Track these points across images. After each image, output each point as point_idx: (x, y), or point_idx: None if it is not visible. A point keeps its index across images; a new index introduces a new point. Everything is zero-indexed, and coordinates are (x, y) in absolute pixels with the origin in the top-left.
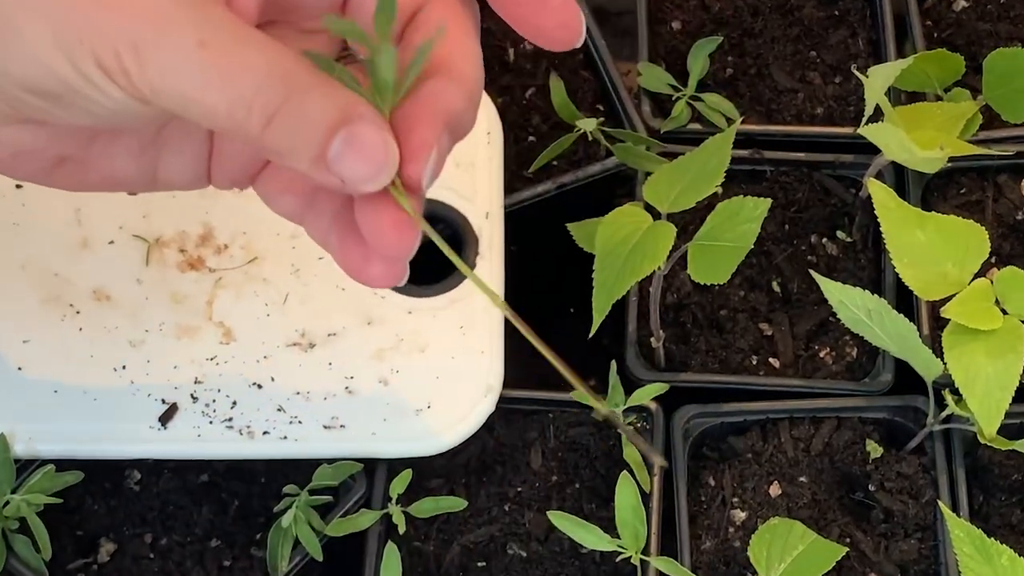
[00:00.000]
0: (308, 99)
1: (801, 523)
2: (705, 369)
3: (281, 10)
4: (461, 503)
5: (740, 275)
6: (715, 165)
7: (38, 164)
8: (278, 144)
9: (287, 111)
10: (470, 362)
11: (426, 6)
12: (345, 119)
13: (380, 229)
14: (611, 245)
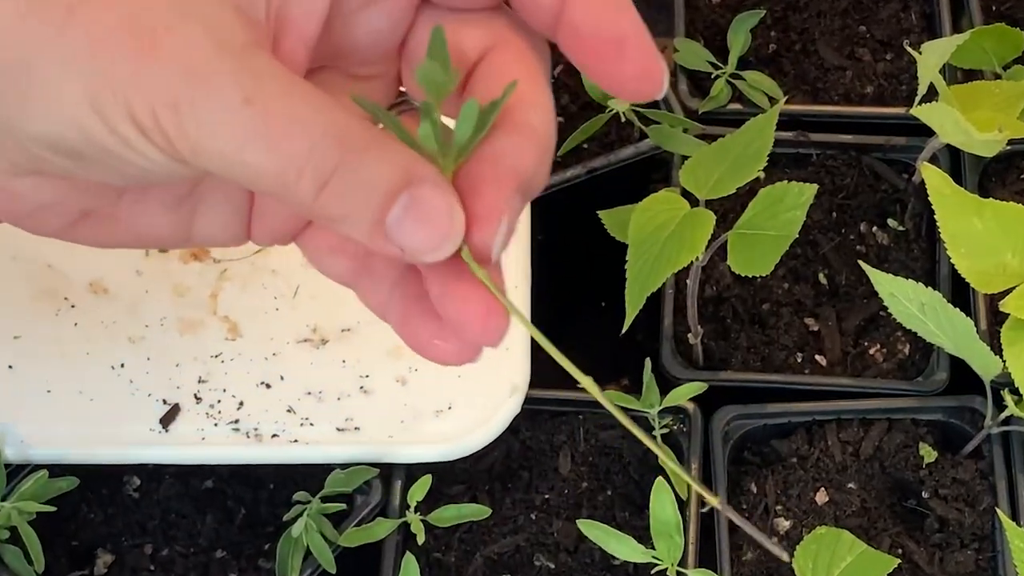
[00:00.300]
0: (365, 160)
1: (849, 532)
2: (746, 367)
3: (332, 55)
4: (484, 511)
5: (784, 266)
6: (757, 148)
7: (62, 219)
8: (332, 210)
9: (342, 174)
10: (494, 360)
11: (493, 51)
12: (406, 182)
13: (464, 315)
14: (645, 234)
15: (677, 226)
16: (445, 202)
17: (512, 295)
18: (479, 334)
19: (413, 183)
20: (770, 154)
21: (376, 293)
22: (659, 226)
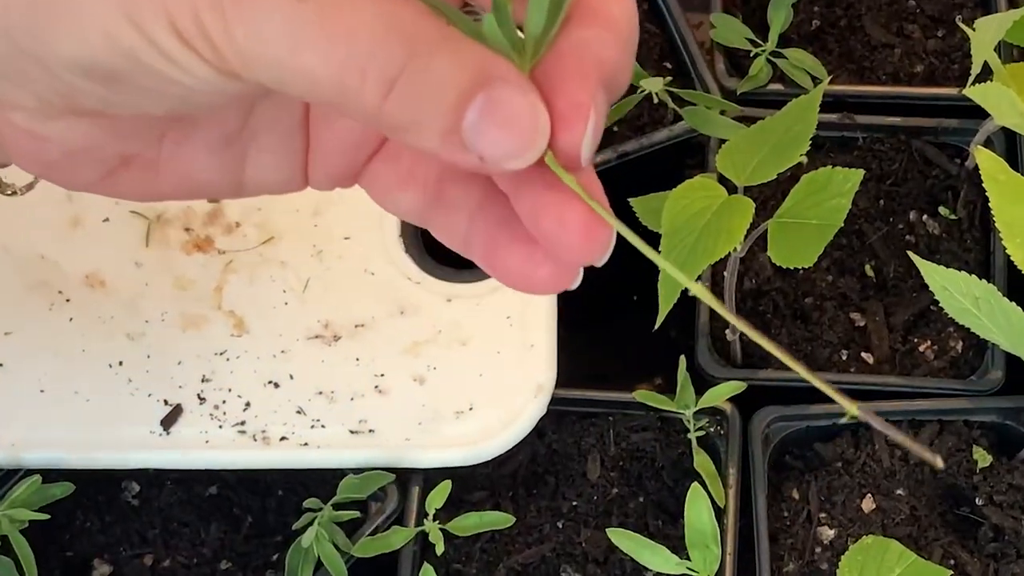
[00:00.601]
0: (435, 59)
1: (898, 542)
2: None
3: None
4: (508, 519)
5: (828, 257)
6: (799, 131)
7: (98, 167)
8: (401, 116)
9: (411, 75)
10: (518, 357)
11: None
12: (482, 81)
13: (562, 229)
14: (680, 223)
15: (714, 215)
16: (527, 101)
17: None
18: (581, 249)
19: (489, 82)
20: (813, 138)
21: (454, 226)
22: (694, 214)
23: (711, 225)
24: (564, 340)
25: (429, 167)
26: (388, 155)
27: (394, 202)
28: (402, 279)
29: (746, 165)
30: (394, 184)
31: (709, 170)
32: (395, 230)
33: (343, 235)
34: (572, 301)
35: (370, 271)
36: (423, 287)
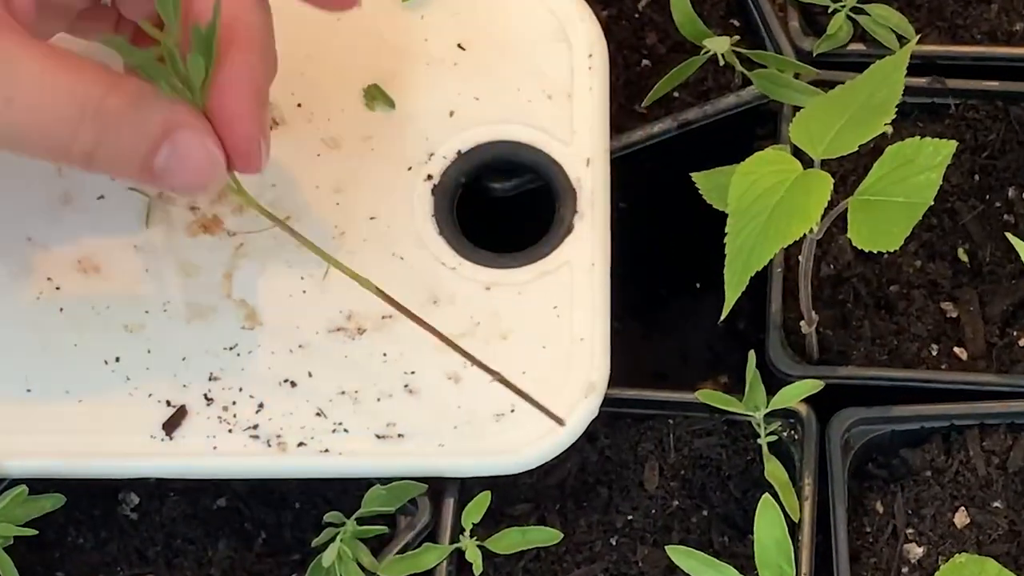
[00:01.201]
0: (123, 125)
1: (995, 561)
2: (870, 362)
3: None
4: (555, 535)
5: (916, 239)
6: (883, 98)
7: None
8: (103, 170)
9: (105, 146)
10: (566, 353)
11: None
12: (167, 131)
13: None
14: (749, 201)
15: (787, 191)
16: (204, 147)
17: (589, 275)
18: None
19: (173, 132)
20: (899, 104)
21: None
22: (765, 191)
23: (784, 203)
24: (618, 333)
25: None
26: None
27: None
28: (435, 264)
29: (823, 135)
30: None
31: (781, 141)
32: (427, 209)
33: (368, 215)
34: (628, 289)
35: (399, 255)
36: (458, 273)
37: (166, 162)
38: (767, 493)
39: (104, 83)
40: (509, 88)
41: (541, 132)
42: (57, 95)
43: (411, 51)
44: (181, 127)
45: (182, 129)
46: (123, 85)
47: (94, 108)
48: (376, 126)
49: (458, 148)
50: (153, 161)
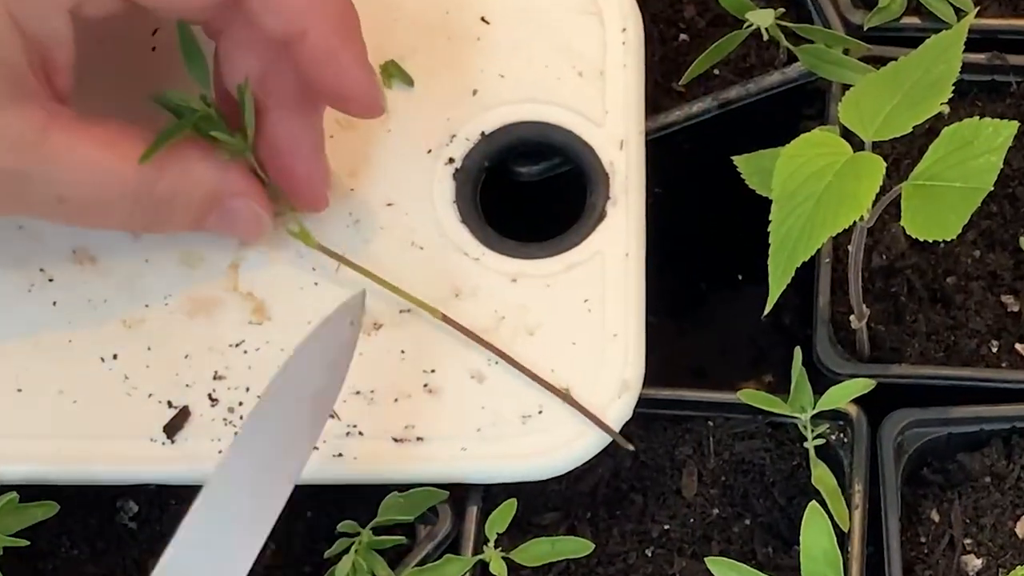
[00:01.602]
0: (175, 206)
1: None
2: (926, 359)
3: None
4: (586, 546)
5: (975, 228)
6: (939, 75)
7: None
8: (158, 232)
9: (157, 224)
10: (598, 349)
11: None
12: (214, 201)
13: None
14: (794, 186)
15: (835, 176)
16: (250, 211)
17: (622, 265)
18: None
19: (220, 200)
20: (956, 82)
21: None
22: (812, 176)
23: (832, 189)
24: (654, 328)
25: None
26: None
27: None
28: (457, 254)
29: (875, 116)
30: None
31: (830, 122)
32: (448, 195)
33: (385, 201)
34: (664, 281)
35: (418, 245)
36: (482, 264)
37: (214, 224)
38: (814, 501)
39: (154, 165)
40: (537, 65)
41: (571, 112)
42: (108, 189)
43: (431, 25)
44: (228, 196)
45: (230, 197)
46: (171, 164)
47: (146, 196)
48: (393, 106)
49: (482, 129)
50: (204, 222)
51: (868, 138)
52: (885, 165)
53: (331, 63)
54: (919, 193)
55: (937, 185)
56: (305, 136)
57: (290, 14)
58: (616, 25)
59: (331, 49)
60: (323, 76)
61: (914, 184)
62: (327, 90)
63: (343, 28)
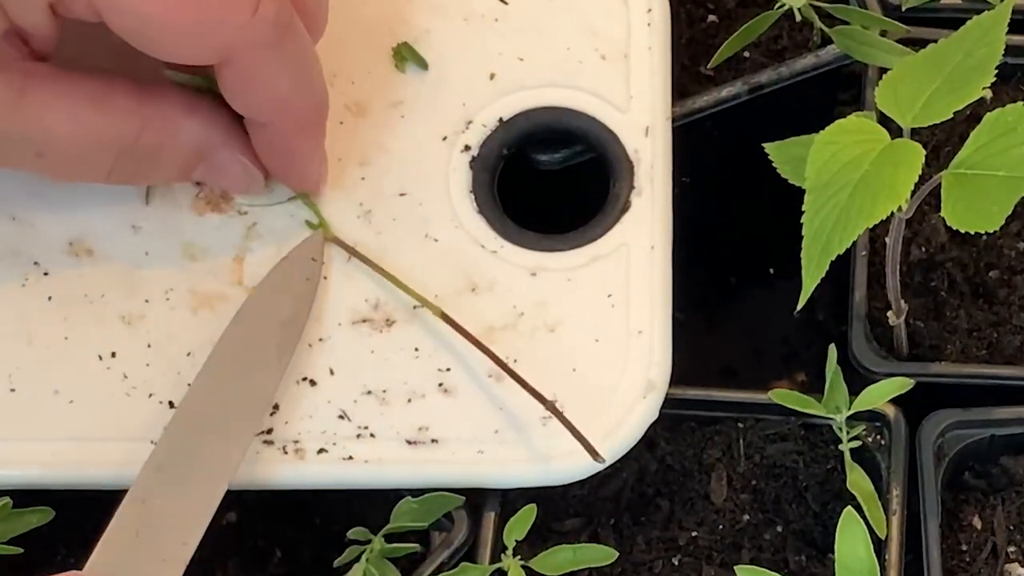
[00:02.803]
0: (159, 157)
1: None
2: (967, 357)
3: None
4: (610, 554)
5: (1018, 219)
6: (981, 58)
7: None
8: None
9: (141, 175)
10: (623, 347)
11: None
12: (200, 154)
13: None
14: (829, 175)
15: (872, 164)
16: (238, 163)
17: (648, 258)
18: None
19: (206, 153)
20: (999, 66)
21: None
22: (847, 164)
23: (869, 178)
24: (681, 325)
25: None
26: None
27: None
28: (473, 247)
29: (914, 101)
30: None
31: (866, 107)
32: (464, 184)
33: (397, 191)
34: (692, 276)
35: (432, 237)
36: (500, 257)
37: (202, 175)
38: (849, 506)
39: (136, 119)
40: (558, 47)
41: (594, 97)
42: (88, 142)
43: (446, 5)
44: (215, 148)
45: (216, 150)
46: (154, 119)
47: (128, 149)
48: (407, 90)
49: (500, 115)
50: (190, 175)
51: (906, 124)
52: (924, 153)
53: (282, 155)
54: (960, 182)
55: (979, 174)
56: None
57: (258, 109)
58: (641, 5)
59: (287, 145)
60: (271, 160)
61: (954, 173)
62: (271, 168)
63: (306, 126)
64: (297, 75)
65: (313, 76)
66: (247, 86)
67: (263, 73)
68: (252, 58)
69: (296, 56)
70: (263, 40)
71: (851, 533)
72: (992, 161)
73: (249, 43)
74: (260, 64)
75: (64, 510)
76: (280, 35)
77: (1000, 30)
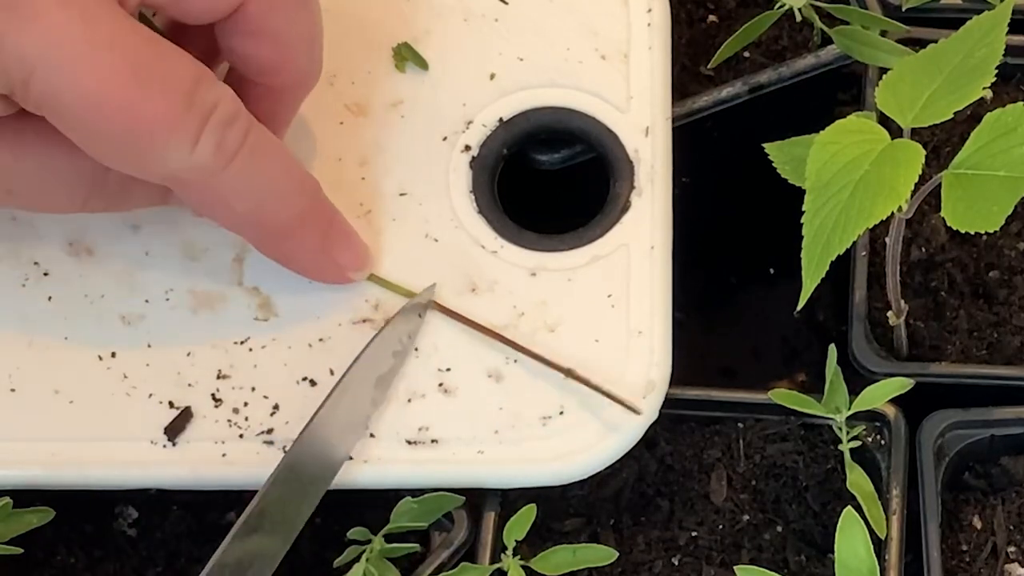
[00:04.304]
0: (133, 187)
1: None
2: (968, 357)
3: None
4: (610, 554)
5: (1018, 219)
6: (982, 58)
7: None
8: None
9: (115, 206)
10: (623, 347)
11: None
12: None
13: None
14: (829, 175)
15: (872, 165)
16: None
17: (648, 259)
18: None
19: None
20: (1000, 66)
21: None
22: (848, 165)
23: (869, 178)
24: (681, 325)
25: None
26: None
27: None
28: (473, 247)
29: (914, 101)
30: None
31: (866, 107)
32: (464, 184)
33: (397, 191)
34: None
35: (432, 237)
36: (500, 257)
37: (179, 200)
38: (849, 506)
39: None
40: (558, 47)
41: (594, 97)
42: (58, 182)
43: (447, 5)
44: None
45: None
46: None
47: (101, 184)
48: (407, 90)
49: (500, 115)
50: (168, 200)
51: (906, 124)
52: (924, 153)
53: (281, 260)
54: (960, 183)
55: (979, 174)
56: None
57: (222, 224)
58: (641, 5)
59: (274, 254)
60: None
61: (955, 173)
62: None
63: (286, 233)
64: (257, 192)
65: (279, 185)
66: (204, 208)
67: (217, 196)
68: (202, 184)
69: (254, 174)
70: (208, 171)
71: (851, 533)
72: (992, 161)
73: (193, 173)
74: (212, 188)
75: (64, 510)
76: (226, 161)
77: (1000, 30)
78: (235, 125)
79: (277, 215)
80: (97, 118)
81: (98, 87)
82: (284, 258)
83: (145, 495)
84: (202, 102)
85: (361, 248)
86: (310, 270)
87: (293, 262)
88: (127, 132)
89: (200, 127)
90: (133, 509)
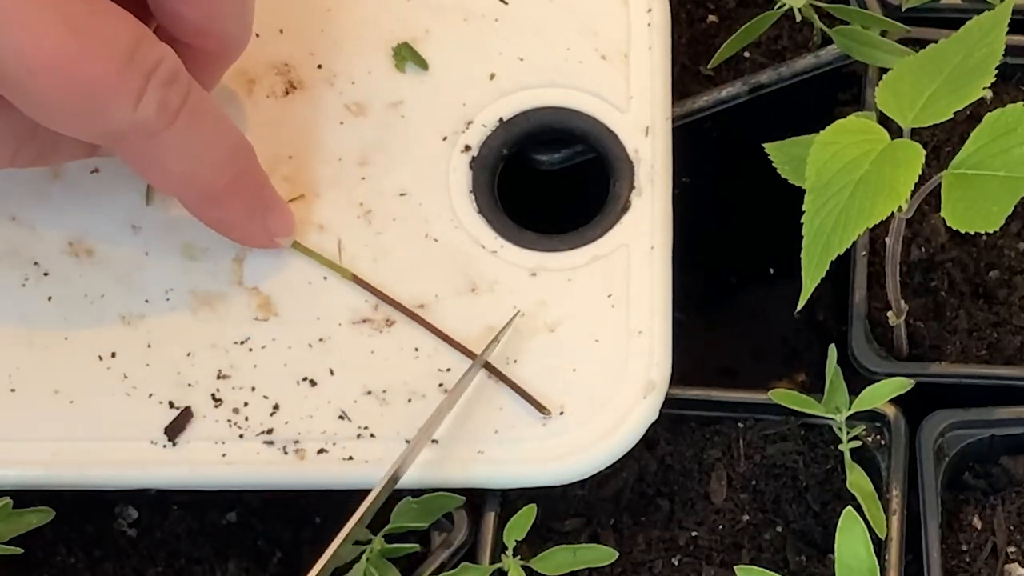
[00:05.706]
0: (59, 143)
1: None
2: (968, 357)
3: None
4: (610, 554)
5: (1018, 219)
6: (982, 58)
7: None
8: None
9: (42, 160)
10: (623, 347)
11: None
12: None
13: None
14: (829, 175)
15: (872, 164)
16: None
17: (648, 259)
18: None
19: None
20: (1000, 66)
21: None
22: (848, 165)
23: (869, 178)
24: (681, 325)
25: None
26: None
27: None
28: (474, 247)
29: (914, 101)
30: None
31: (866, 107)
32: (464, 184)
33: (398, 191)
34: (692, 276)
35: (433, 237)
36: (500, 257)
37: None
38: (849, 506)
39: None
40: (558, 47)
41: (594, 97)
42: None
43: (447, 5)
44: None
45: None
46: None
47: (29, 139)
48: (407, 90)
49: (500, 115)
50: (96, 151)
51: (906, 124)
52: (924, 153)
53: (210, 223)
54: (960, 183)
55: (979, 174)
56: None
57: (158, 185)
58: (642, 5)
59: (202, 215)
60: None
61: (954, 173)
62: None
63: (214, 199)
64: (195, 153)
65: (216, 146)
66: (141, 167)
67: (155, 155)
68: (141, 144)
69: (192, 136)
70: (150, 130)
71: (851, 533)
72: (992, 162)
73: (135, 132)
74: (151, 148)
75: (64, 510)
76: (169, 121)
77: (1000, 30)
78: (176, 84)
79: (213, 177)
80: (38, 79)
81: (38, 47)
82: (215, 221)
83: (145, 495)
84: (143, 60)
85: (289, 214)
86: (239, 234)
87: (223, 225)
88: (69, 91)
89: (143, 85)
90: (133, 509)
